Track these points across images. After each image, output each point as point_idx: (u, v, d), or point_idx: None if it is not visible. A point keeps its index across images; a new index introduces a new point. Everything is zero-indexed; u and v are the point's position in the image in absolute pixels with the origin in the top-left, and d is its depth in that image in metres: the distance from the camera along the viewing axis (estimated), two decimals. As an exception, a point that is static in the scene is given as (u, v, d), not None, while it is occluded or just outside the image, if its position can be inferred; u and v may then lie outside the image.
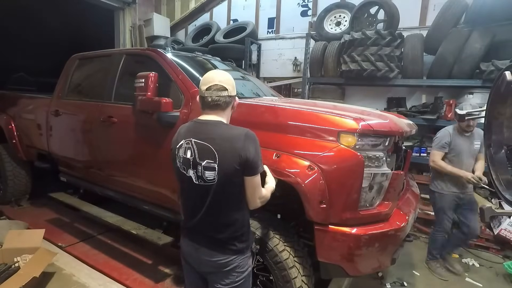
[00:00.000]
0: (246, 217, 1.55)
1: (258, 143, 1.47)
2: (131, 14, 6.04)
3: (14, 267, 2.46)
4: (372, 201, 1.87)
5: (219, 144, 1.41)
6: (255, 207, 1.54)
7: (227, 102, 1.49)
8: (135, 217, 2.89)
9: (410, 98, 4.41)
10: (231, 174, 1.41)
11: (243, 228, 1.53)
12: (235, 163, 1.38)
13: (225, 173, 1.40)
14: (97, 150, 3.05)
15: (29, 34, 6.72)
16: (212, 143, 1.41)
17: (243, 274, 1.55)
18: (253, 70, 5.50)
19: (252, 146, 1.41)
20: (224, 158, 1.39)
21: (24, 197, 4.17)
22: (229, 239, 1.50)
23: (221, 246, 1.50)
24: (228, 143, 1.40)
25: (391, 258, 1.97)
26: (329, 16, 4.76)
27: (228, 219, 1.49)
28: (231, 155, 1.39)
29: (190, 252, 1.58)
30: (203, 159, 1.41)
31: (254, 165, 1.42)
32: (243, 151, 1.38)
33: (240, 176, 1.44)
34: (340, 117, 1.85)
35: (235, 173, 1.41)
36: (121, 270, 2.78)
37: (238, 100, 1.59)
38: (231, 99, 1.51)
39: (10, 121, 3.98)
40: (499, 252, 3.53)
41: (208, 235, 1.51)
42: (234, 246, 1.50)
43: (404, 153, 2.60)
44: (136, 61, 2.93)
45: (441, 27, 3.74)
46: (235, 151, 1.38)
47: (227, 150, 1.40)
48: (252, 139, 1.44)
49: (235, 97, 1.55)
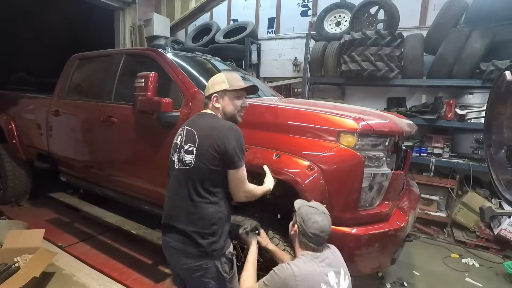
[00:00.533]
0: (220, 214, 1.51)
1: (242, 139, 1.50)
2: (131, 14, 6.04)
3: (14, 267, 2.45)
4: (372, 201, 1.87)
5: (203, 130, 1.52)
6: (239, 200, 1.59)
7: (205, 102, 1.66)
8: (135, 217, 2.89)
9: (410, 98, 4.41)
10: (207, 161, 1.46)
11: (214, 227, 1.49)
12: (212, 150, 1.45)
13: (202, 158, 1.47)
14: (97, 150, 3.05)
15: (29, 34, 6.73)
16: (197, 129, 1.52)
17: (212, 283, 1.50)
18: (253, 70, 5.50)
19: (233, 138, 1.46)
20: (203, 144, 1.47)
21: (24, 197, 4.17)
22: (198, 234, 1.48)
23: (188, 242, 1.49)
24: (211, 130, 1.50)
25: (391, 258, 1.97)
26: (329, 16, 4.76)
27: (199, 210, 1.48)
28: (209, 141, 1.46)
29: (165, 251, 1.60)
30: (186, 143, 1.52)
31: (234, 158, 1.45)
32: (221, 140, 1.44)
33: (219, 166, 1.47)
34: (340, 117, 1.85)
35: (213, 161, 1.45)
36: (121, 270, 2.78)
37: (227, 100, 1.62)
38: (207, 98, 1.64)
39: (10, 121, 3.98)
40: (499, 252, 3.53)
41: (179, 228, 1.51)
42: (201, 247, 1.47)
43: (404, 153, 2.60)
44: (136, 61, 2.93)
45: (441, 27, 3.74)
46: (215, 139, 1.46)
47: (208, 136, 1.48)
48: (235, 132, 1.49)
49: (214, 95, 1.61)
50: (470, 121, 3.74)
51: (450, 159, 3.87)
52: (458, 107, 3.85)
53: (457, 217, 3.81)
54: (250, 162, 1.88)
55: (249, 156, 1.91)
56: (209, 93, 1.63)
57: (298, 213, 1.57)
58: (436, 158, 3.88)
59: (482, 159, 3.59)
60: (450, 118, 3.76)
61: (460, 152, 3.86)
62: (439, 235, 3.90)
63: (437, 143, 3.99)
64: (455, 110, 3.79)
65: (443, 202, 4.12)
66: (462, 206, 3.76)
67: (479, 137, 3.64)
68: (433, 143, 4.01)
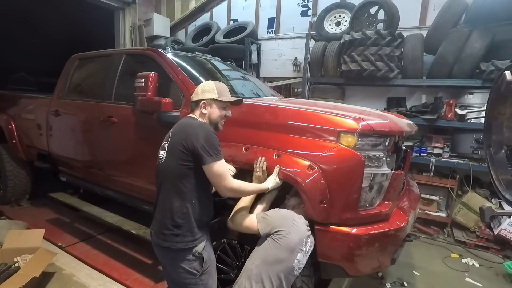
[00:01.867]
0: (185, 209, 1.56)
1: (211, 135, 1.56)
2: (131, 14, 6.04)
3: (14, 267, 2.45)
4: (372, 201, 1.87)
5: (176, 128, 1.64)
6: (224, 195, 1.66)
7: (192, 106, 1.75)
8: (135, 217, 2.89)
9: (410, 98, 4.41)
10: (176, 156, 1.55)
11: (179, 220, 1.55)
12: (180, 147, 1.53)
13: (171, 154, 1.58)
14: (97, 150, 3.05)
15: (29, 34, 6.73)
16: (173, 128, 1.65)
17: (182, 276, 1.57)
18: (253, 70, 5.50)
19: (201, 135, 1.53)
20: (173, 140, 1.59)
21: (24, 197, 4.16)
22: (164, 225, 1.57)
23: (158, 233, 1.60)
24: (182, 128, 1.61)
25: (391, 258, 1.97)
26: (329, 16, 4.76)
27: (169, 204, 1.57)
28: (179, 138, 1.56)
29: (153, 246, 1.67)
30: (165, 141, 1.66)
31: (203, 153, 1.51)
32: (190, 136, 1.53)
33: (191, 162, 1.54)
34: (340, 117, 1.85)
35: (182, 157, 1.54)
36: (121, 270, 2.78)
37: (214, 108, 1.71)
38: (195, 103, 1.72)
39: (10, 121, 3.98)
40: (499, 252, 3.53)
41: (155, 220, 1.65)
42: (167, 239, 1.56)
43: (404, 153, 2.60)
44: (136, 61, 2.93)
45: (441, 27, 3.74)
46: (184, 135, 1.55)
47: (178, 133, 1.59)
48: (204, 129, 1.57)
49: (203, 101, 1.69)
50: (470, 121, 3.74)
51: (450, 159, 3.87)
52: (458, 107, 3.85)
53: (457, 217, 3.82)
54: (250, 162, 1.89)
55: (249, 156, 1.91)
56: (198, 98, 1.71)
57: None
58: (436, 158, 3.88)
59: (482, 159, 3.60)
60: (450, 118, 3.76)
61: (460, 152, 3.86)
62: (439, 235, 3.90)
63: (437, 143, 3.99)
64: (455, 110, 3.79)
65: (443, 202, 4.13)
66: (462, 206, 3.76)
67: (479, 137, 3.64)
68: (433, 143, 4.02)
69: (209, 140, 1.53)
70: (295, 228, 1.65)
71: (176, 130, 1.63)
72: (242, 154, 1.95)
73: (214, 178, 1.56)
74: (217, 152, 1.55)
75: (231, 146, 2.01)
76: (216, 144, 1.56)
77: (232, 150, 1.99)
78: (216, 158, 1.54)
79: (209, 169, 1.54)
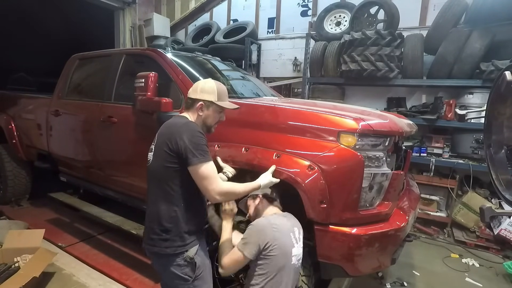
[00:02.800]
0: (173, 213, 1.49)
1: (197, 134, 1.47)
2: (131, 14, 6.04)
3: (14, 267, 2.45)
4: (372, 201, 1.87)
5: (162, 128, 1.57)
6: (214, 201, 1.56)
7: (188, 102, 1.63)
8: (135, 217, 2.89)
9: (410, 98, 4.41)
10: (162, 158, 1.48)
11: (166, 224, 1.49)
12: (165, 147, 1.46)
13: (157, 156, 1.51)
14: (97, 150, 3.05)
15: (29, 34, 6.72)
16: (160, 129, 1.58)
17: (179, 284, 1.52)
18: (253, 70, 5.50)
19: (186, 135, 1.44)
20: (159, 142, 1.52)
21: (24, 197, 4.17)
22: (152, 230, 1.53)
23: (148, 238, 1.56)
24: (166, 128, 1.54)
25: (391, 258, 1.97)
26: (329, 16, 4.76)
27: (157, 208, 1.51)
28: (163, 139, 1.49)
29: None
30: (152, 142, 1.59)
31: (187, 154, 1.42)
32: (174, 136, 1.45)
33: (177, 164, 1.46)
34: (340, 117, 1.85)
35: (168, 158, 1.46)
36: (121, 270, 2.78)
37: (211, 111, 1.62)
38: (192, 101, 1.61)
39: (10, 121, 3.98)
40: (499, 252, 3.53)
41: (147, 223, 1.59)
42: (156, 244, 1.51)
43: (404, 153, 2.60)
44: (136, 61, 2.93)
45: (441, 27, 3.74)
46: (168, 136, 1.47)
47: (163, 134, 1.52)
48: (189, 129, 1.47)
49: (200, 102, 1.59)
50: (470, 121, 3.74)
51: (450, 159, 3.87)
52: (458, 107, 3.85)
53: (457, 217, 3.82)
54: (250, 162, 1.89)
55: (249, 156, 1.91)
56: (196, 97, 1.60)
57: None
58: (436, 158, 3.88)
59: (482, 159, 3.59)
60: (450, 118, 3.76)
61: (460, 152, 3.86)
62: (439, 235, 3.90)
63: (437, 143, 3.99)
64: (455, 110, 3.79)
65: (443, 202, 4.13)
66: (462, 206, 3.76)
67: (479, 137, 3.64)
68: (433, 143, 4.02)
69: (194, 139, 1.43)
70: (278, 233, 1.60)
71: (162, 131, 1.55)
72: (242, 154, 1.94)
73: (201, 181, 1.44)
74: (203, 153, 1.44)
75: (231, 146, 2.01)
76: (202, 144, 1.45)
77: (232, 150, 1.99)
78: (202, 159, 1.42)
79: (195, 171, 1.43)
